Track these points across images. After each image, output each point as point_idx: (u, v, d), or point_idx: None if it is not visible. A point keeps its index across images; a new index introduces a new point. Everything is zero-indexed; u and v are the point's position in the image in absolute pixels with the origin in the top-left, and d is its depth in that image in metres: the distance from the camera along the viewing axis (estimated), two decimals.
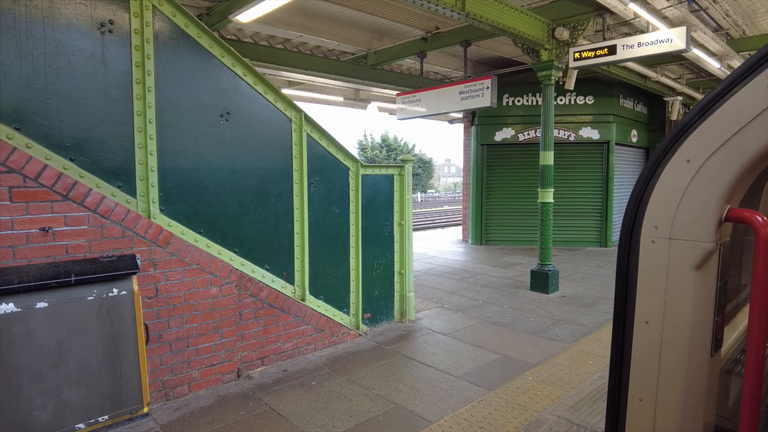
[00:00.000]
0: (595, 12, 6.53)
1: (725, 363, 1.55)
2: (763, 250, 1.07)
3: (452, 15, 5.45)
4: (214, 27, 6.77)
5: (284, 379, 4.06)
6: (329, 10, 7.18)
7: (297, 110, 4.48)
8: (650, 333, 1.26)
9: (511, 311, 6.20)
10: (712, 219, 1.15)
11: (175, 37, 3.67)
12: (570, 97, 11.23)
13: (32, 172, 2.97)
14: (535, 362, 4.46)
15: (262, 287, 4.20)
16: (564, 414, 3.43)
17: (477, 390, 3.89)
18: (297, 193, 4.52)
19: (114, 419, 3.17)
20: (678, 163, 1.19)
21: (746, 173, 1.13)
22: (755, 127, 1.07)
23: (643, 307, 1.28)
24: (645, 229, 1.26)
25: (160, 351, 3.58)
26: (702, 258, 1.17)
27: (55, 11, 3.09)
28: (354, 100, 12.63)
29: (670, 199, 1.20)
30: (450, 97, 8.39)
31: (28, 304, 2.80)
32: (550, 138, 7.10)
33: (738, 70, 1.11)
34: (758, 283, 1.08)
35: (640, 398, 1.29)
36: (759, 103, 1.06)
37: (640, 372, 1.29)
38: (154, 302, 3.53)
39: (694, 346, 1.21)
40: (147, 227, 3.49)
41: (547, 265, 7.21)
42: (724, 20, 7.53)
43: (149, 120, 3.52)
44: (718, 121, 1.13)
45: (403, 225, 5.58)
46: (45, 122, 3.07)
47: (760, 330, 1.08)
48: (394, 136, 47.59)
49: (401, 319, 5.66)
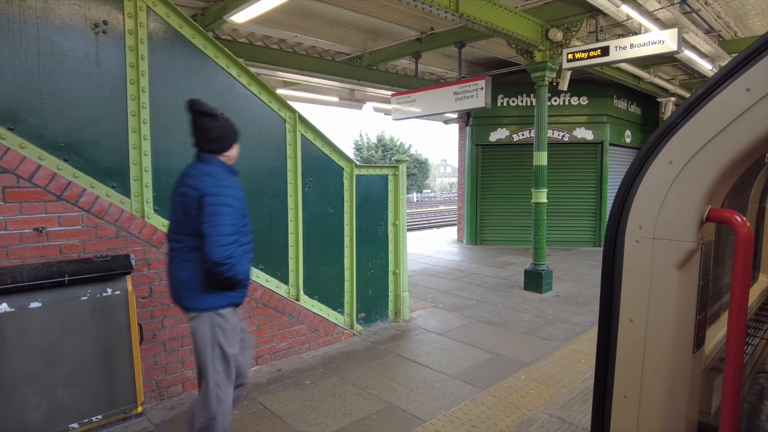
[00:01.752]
0: (588, 13, 6.58)
1: (711, 361, 1.58)
2: (741, 249, 1.10)
3: (446, 16, 5.48)
4: (210, 27, 6.77)
5: (278, 379, 4.08)
6: (324, 11, 7.20)
7: (291, 111, 4.50)
8: (634, 331, 1.29)
9: (505, 311, 6.24)
10: (694, 219, 1.18)
11: (170, 38, 3.67)
12: (564, 98, 11.29)
13: (26, 172, 2.98)
14: (529, 361, 4.49)
15: (256, 287, 4.21)
16: (556, 412, 3.47)
17: (470, 389, 3.91)
18: (291, 194, 4.53)
19: (108, 419, 3.18)
20: (661, 164, 1.22)
21: (727, 174, 1.16)
22: (735, 130, 1.09)
23: (627, 305, 1.30)
24: (629, 228, 1.28)
25: (154, 351, 3.59)
26: (684, 257, 1.20)
27: (48, 12, 3.09)
28: (349, 101, 12.64)
29: (654, 200, 1.23)
30: (445, 98, 8.43)
31: (21, 304, 2.80)
32: (544, 138, 7.14)
33: (718, 74, 1.13)
34: (737, 281, 1.11)
35: (625, 395, 1.32)
36: (738, 106, 1.08)
37: (625, 369, 1.31)
38: (148, 302, 3.54)
39: (677, 344, 1.24)
40: (141, 227, 3.50)
41: (541, 265, 7.25)
42: (716, 22, 7.59)
43: (143, 120, 3.52)
44: (699, 124, 1.15)
45: (398, 225, 5.60)
46: (39, 122, 3.08)
47: (739, 327, 1.11)
48: (391, 136, 47.72)
49: (396, 319, 5.69)
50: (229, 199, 2.46)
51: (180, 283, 2.52)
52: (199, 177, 2.49)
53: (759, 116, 1.05)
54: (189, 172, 2.57)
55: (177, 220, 2.55)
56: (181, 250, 2.52)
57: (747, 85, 1.06)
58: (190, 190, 2.47)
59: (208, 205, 2.39)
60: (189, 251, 2.49)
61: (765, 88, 1.04)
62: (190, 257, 2.49)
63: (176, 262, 2.54)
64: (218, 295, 2.51)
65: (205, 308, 2.50)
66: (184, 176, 2.60)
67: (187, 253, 2.50)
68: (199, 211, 2.41)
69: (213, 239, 2.35)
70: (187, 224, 2.48)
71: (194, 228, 2.44)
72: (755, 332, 2.24)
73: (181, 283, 2.51)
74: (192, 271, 2.48)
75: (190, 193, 2.46)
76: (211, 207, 2.39)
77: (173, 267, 2.55)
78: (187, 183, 2.52)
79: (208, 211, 2.38)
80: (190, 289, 2.49)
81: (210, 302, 2.50)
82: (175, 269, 2.53)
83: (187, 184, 2.51)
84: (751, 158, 1.13)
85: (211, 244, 2.34)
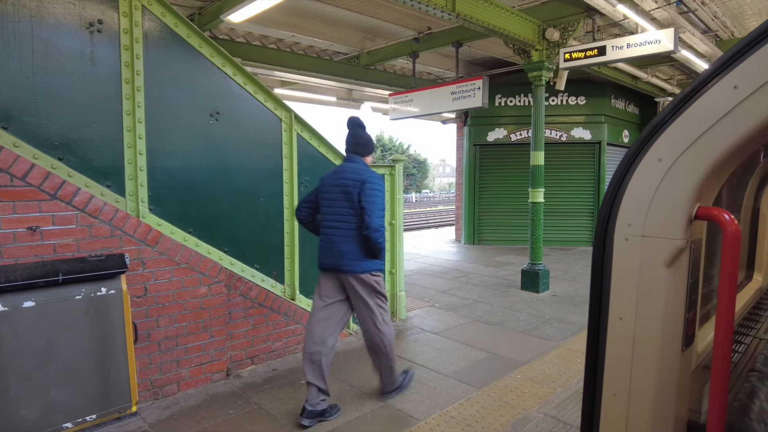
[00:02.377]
0: (585, 13, 6.59)
1: (702, 360, 1.58)
2: (729, 247, 1.10)
3: (443, 16, 5.48)
4: (206, 27, 6.77)
5: (274, 378, 4.07)
6: (321, 10, 7.19)
7: (287, 110, 4.49)
8: (624, 329, 1.29)
9: (501, 310, 6.24)
10: (683, 217, 1.18)
11: (165, 37, 3.67)
12: (562, 98, 11.30)
13: (20, 171, 2.97)
14: (524, 361, 4.50)
15: (251, 287, 4.21)
16: (551, 411, 3.47)
17: (465, 388, 3.91)
18: (287, 193, 4.53)
19: (102, 418, 3.17)
20: (650, 162, 1.22)
21: (716, 172, 1.16)
22: (722, 127, 1.09)
23: (617, 303, 1.30)
24: (619, 226, 1.28)
25: (149, 350, 3.59)
26: (673, 255, 1.20)
27: (43, 11, 3.09)
28: (347, 100, 12.64)
29: (643, 198, 1.23)
30: (442, 98, 8.42)
31: (15, 304, 2.80)
32: (541, 138, 7.15)
33: (706, 72, 1.13)
34: (725, 279, 1.11)
35: (614, 393, 1.31)
36: (726, 104, 1.08)
37: (614, 367, 1.31)
38: (143, 301, 3.53)
39: (666, 342, 1.23)
40: (136, 226, 3.49)
41: (538, 265, 7.26)
42: (712, 22, 7.60)
43: (138, 119, 3.52)
44: (687, 122, 1.15)
45: (394, 225, 5.60)
46: (33, 121, 3.07)
47: (726, 324, 1.11)
48: (389, 136, 47.70)
49: (392, 318, 5.68)
50: (381, 187, 3.38)
51: (343, 252, 3.31)
52: (357, 171, 3.36)
53: (746, 114, 1.05)
54: (345, 168, 3.42)
55: (339, 205, 3.34)
56: (344, 229, 3.31)
57: (734, 83, 1.06)
58: (350, 181, 3.31)
59: (369, 189, 3.27)
60: (351, 230, 3.30)
61: (752, 86, 1.04)
62: (352, 234, 3.30)
63: (339, 237, 3.32)
64: (371, 262, 3.37)
65: (365, 270, 3.35)
66: (338, 172, 3.42)
67: (349, 230, 3.30)
68: (360, 195, 3.26)
69: (372, 212, 3.23)
70: (350, 207, 3.29)
71: (355, 210, 3.27)
72: (748, 331, 2.25)
73: (345, 252, 3.30)
74: (354, 244, 3.30)
75: (351, 183, 3.30)
76: (371, 191, 3.27)
77: (336, 240, 3.32)
78: (345, 176, 3.35)
79: (368, 193, 3.25)
80: (353, 257, 3.30)
81: (368, 266, 3.36)
82: (339, 242, 3.32)
83: (346, 177, 3.35)
84: (740, 156, 1.13)
85: (371, 215, 3.22)
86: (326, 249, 3.39)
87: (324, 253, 3.41)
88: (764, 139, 1.08)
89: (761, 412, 1.46)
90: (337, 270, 3.36)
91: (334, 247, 3.33)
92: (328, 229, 3.38)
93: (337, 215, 3.33)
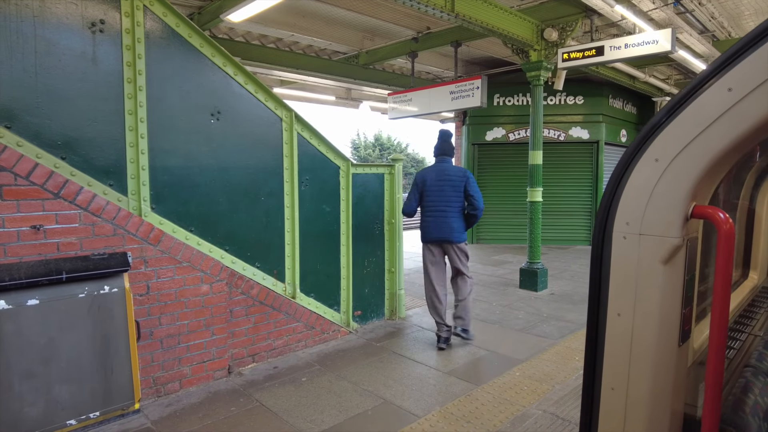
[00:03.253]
0: (583, 13, 6.62)
1: (699, 355, 1.61)
2: (723, 245, 1.13)
3: (442, 15, 5.51)
4: (206, 26, 6.78)
5: (275, 376, 4.11)
6: (321, 10, 7.21)
7: (287, 109, 4.52)
8: (622, 325, 1.32)
9: (500, 308, 6.28)
10: (679, 215, 1.21)
11: (166, 37, 3.69)
12: (560, 97, 11.33)
13: (23, 170, 2.99)
14: (523, 358, 4.53)
15: (252, 285, 4.24)
16: (549, 408, 3.51)
17: (465, 385, 3.95)
18: (288, 192, 4.56)
19: (105, 415, 3.20)
20: (647, 162, 1.25)
21: (711, 172, 1.19)
22: (717, 129, 1.12)
23: (615, 300, 1.33)
24: (617, 225, 1.31)
25: (151, 348, 3.61)
26: (670, 253, 1.23)
27: (45, 11, 3.10)
28: (346, 99, 12.65)
29: (641, 197, 1.26)
30: (441, 97, 8.45)
31: (19, 302, 2.82)
32: (539, 137, 7.18)
33: (702, 74, 1.16)
34: (720, 276, 1.14)
35: (613, 387, 1.35)
36: (720, 106, 1.11)
37: (613, 362, 1.35)
38: (145, 299, 3.56)
39: (662, 338, 1.27)
40: (138, 225, 3.52)
41: (536, 263, 7.30)
42: (710, 22, 7.64)
43: (140, 119, 3.54)
44: (683, 123, 1.18)
45: (394, 223, 5.63)
46: (36, 121, 3.09)
47: (721, 320, 1.14)
48: (388, 135, 47.49)
49: (392, 317, 5.72)
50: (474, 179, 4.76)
51: (452, 227, 4.63)
52: (456, 168, 4.75)
53: (740, 115, 1.08)
54: (446, 167, 4.76)
55: (446, 193, 4.64)
56: (451, 210, 4.64)
57: (729, 86, 1.09)
58: (455, 177, 4.66)
59: (472, 181, 4.68)
60: (457, 211, 4.67)
61: (746, 89, 1.07)
62: (458, 215, 4.67)
63: (449, 217, 4.63)
64: (464, 234, 4.73)
65: (463, 240, 4.70)
66: (440, 171, 4.74)
67: (457, 212, 4.66)
68: (466, 186, 4.63)
69: (479, 197, 4.65)
70: (457, 195, 4.64)
71: (459, 196, 4.64)
72: (744, 328, 2.28)
73: (454, 227, 4.63)
74: (460, 222, 4.68)
75: (456, 178, 4.65)
76: (473, 181, 4.69)
77: (446, 220, 4.63)
78: (450, 173, 4.70)
79: (472, 183, 4.66)
80: (459, 230, 4.66)
81: (464, 237, 4.72)
82: (449, 221, 4.63)
83: (450, 173, 4.69)
84: (735, 156, 1.16)
85: (478, 200, 4.64)
86: (435, 226, 4.67)
87: (432, 229, 4.69)
88: (758, 140, 1.12)
89: (755, 407, 1.50)
90: (445, 241, 4.67)
91: (444, 225, 4.62)
92: (437, 212, 4.66)
93: (445, 202, 4.63)
